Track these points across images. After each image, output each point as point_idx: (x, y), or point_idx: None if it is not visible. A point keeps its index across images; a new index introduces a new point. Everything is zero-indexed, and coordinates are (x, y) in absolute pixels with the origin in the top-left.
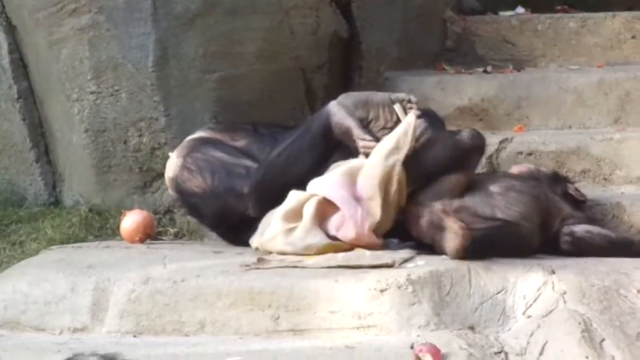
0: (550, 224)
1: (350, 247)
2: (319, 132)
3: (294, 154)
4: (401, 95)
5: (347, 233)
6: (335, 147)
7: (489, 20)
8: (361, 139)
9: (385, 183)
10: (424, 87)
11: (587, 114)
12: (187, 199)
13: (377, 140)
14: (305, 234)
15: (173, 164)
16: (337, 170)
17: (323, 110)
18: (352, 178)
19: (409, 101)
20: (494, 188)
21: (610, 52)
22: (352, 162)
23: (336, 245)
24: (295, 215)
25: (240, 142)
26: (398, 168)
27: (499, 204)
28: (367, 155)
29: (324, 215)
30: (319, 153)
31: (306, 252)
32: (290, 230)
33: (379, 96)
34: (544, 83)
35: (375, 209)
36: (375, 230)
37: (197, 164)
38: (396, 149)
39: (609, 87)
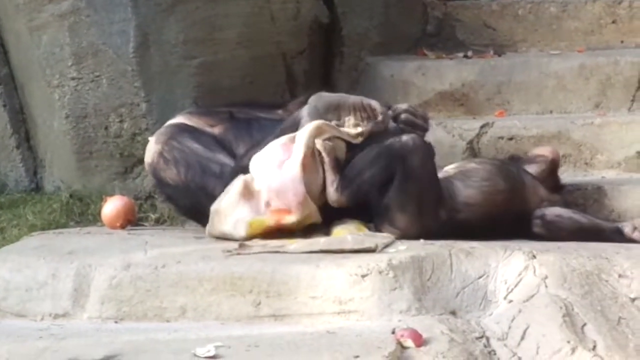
0: (525, 206)
1: (277, 225)
2: None
3: None
4: (373, 102)
5: (279, 204)
6: None
7: (470, 5)
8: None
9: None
10: (404, 72)
11: (568, 98)
12: (163, 188)
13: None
14: (232, 209)
15: (152, 150)
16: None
17: (298, 116)
18: (287, 148)
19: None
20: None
21: (591, 36)
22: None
23: (261, 220)
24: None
25: (218, 129)
26: (319, 144)
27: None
28: None
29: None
30: None
31: (237, 228)
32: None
33: (351, 99)
34: (525, 68)
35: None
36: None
37: (172, 153)
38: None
39: (590, 72)
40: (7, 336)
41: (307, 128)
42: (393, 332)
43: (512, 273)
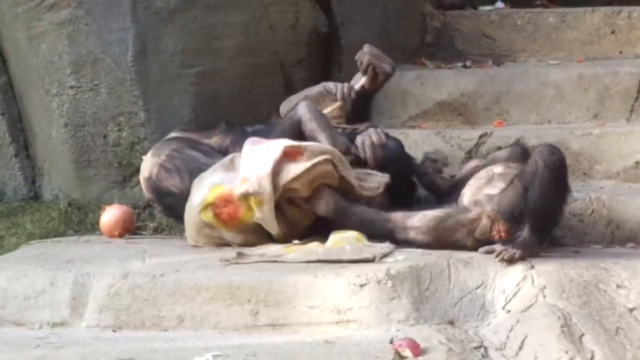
0: None
1: (228, 193)
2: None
3: None
4: (330, 85)
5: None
6: None
7: (469, 15)
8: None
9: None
10: (403, 81)
11: (567, 108)
12: (163, 199)
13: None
14: (210, 174)
15: (149, 164)
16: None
17: (295, 116)
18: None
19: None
20: None
21: (589, 47)
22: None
23: (220, 186)
24: None
25: (214, 140)
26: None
27: None
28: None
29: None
30: None
31: (202, 189)
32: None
33: (315, 90)
34: (524, 78)
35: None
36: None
37: (174, 162)
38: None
39: (589, 82)
40: (4, 345)
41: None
42: (391, 342)
43: (510, 283)
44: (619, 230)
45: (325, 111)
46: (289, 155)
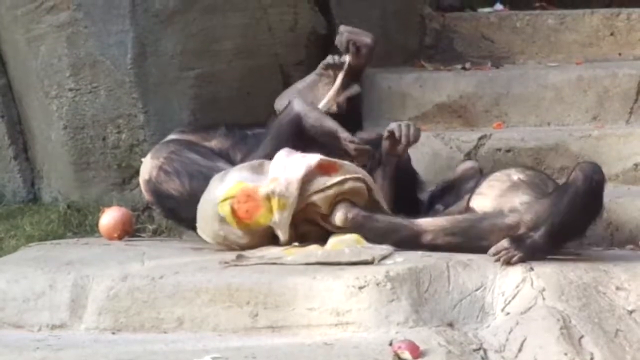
0: None
1: (252, 189)
2: (292, 137)
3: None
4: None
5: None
6: (308, 145)
7: (468, 17)
8: (350, 142)
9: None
10: (402, 84)
11: (566, 110)
12: (164, 202)
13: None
14: (237, 170)
15: (148, 166)
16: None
17: (291, 112)
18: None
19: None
20: None
21: (588, 49)
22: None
23: (243, 182)
24: None
25: (214, 142)
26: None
27: None
28: (359, 157)
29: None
30: None
31: (225, 181)
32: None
33: (307, 80)
34: (523, 80)
35: None
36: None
37: (173, 165)
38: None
39: (588, 84)
40: (4, 347)
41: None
42: (390, 344)
43: (509, 285)
44: (618, 232)
45: (321, 105)
46: (323, 168)
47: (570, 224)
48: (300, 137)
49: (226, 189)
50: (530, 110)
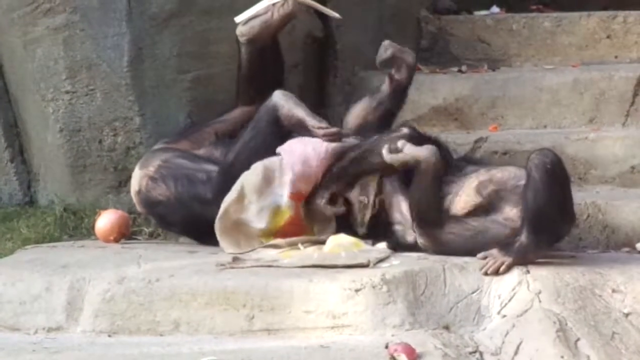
0: None
1: (295, 213)
2: (269, 129)
3: (249, 155)
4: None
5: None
6: (287, 136)
7: (464, 19)
8: (318, 128)
9: None
10: None
11: (562, 113)
12: (154, 209)
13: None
14: (257, 196)
15: (137, 177)
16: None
17: (269, 103)
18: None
19: None
20: None
21: (585, 51)
22: None
23: (283, 210)
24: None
25: (202, 151)
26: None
27: None
28: (330, 141)
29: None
30: (273, 148)
31: (260, 216)
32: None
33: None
34: (519, 83)
35: None
36: None
37: (159, 172)
38: None
39: (584, 87)
40: (0, 349)
41: None
42: (386, 347)
43: (505, 288)
44: (614, 235)
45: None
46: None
47: (546, 213)
48: (278, 128)
49: (264, 223)
50: (526, 112)
